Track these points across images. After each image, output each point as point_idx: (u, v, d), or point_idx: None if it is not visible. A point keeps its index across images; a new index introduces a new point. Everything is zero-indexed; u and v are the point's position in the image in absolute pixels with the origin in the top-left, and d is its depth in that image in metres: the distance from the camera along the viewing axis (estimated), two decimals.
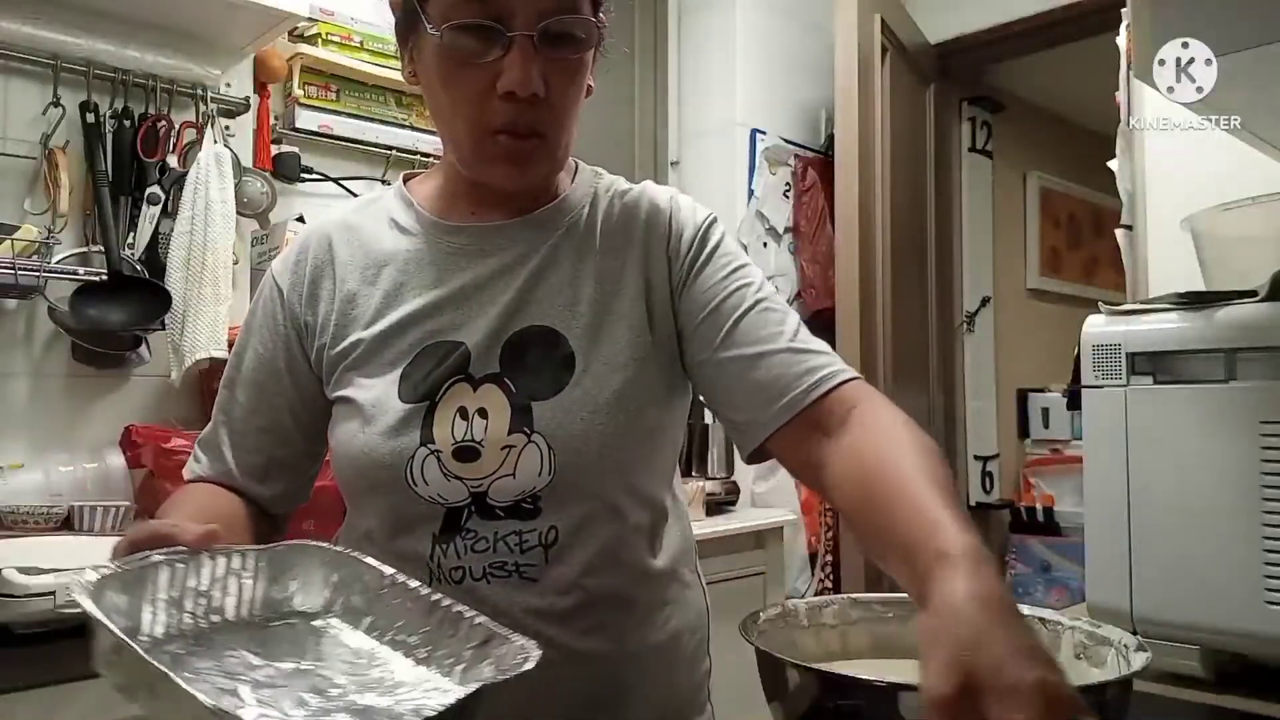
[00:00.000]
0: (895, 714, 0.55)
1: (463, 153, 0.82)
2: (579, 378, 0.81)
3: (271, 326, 0.89)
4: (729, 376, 0.82)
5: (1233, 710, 0.91)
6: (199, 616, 0.62)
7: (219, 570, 0.64)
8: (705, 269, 0.86)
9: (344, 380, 0.85)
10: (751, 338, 0.82)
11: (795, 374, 0.79)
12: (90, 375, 1.73)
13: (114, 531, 1.41)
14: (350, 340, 0.85)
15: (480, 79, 0.77)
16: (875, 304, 2.57)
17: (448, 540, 0.80)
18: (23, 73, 1.69)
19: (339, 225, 0.91)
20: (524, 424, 0.80)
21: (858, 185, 2.47)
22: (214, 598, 0.63)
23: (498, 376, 0.81)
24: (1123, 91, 1.70)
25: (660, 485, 0.89)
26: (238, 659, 0.58)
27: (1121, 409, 1.01)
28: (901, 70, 2.78)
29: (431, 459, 0.80)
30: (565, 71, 0.79)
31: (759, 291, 0.85)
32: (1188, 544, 0.96)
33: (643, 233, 0.87)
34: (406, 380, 0.82)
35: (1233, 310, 0.96)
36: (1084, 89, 2.95)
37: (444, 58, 0.78)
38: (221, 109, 1.87)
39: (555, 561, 0.80)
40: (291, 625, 0.65)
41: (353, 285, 0.87)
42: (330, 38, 2.04)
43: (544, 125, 0.80)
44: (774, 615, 0.74)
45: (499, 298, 0.83)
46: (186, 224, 1.72)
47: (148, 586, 0.60)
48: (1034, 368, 3.74)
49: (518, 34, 0.75)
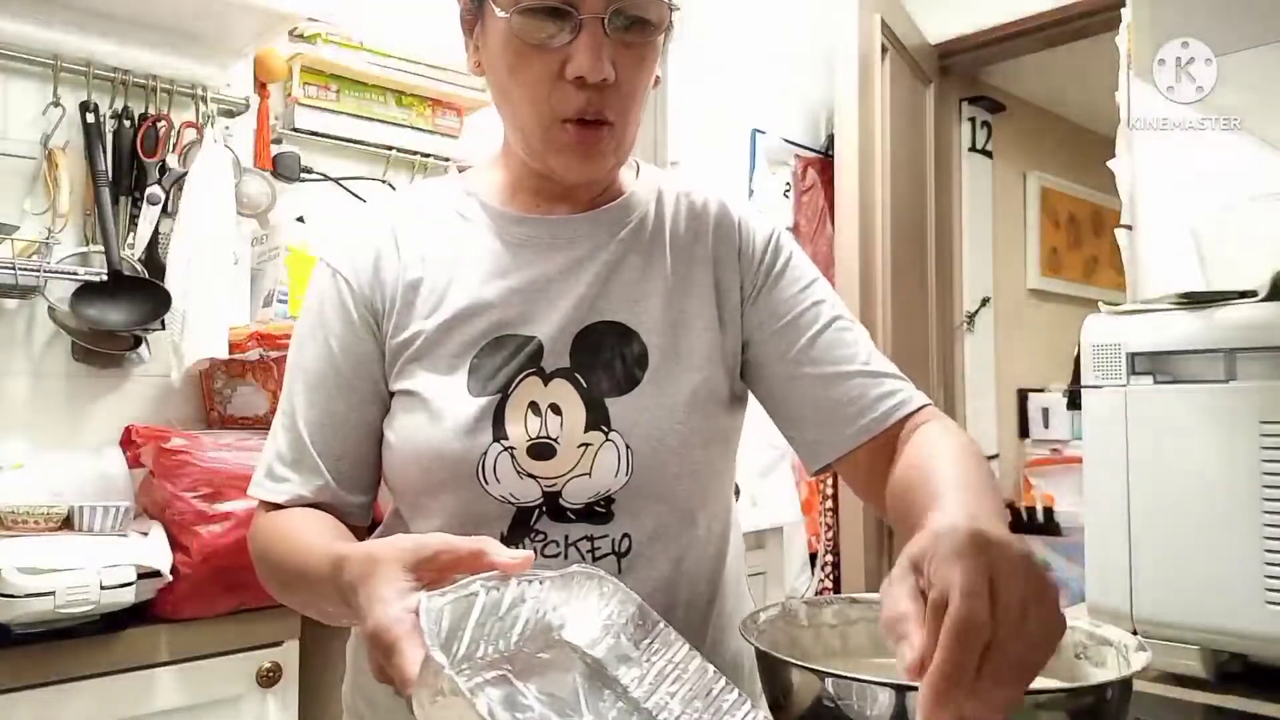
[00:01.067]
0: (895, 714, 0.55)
1: (530, 141, 0.80)
2: (653, 375, 0.80)
3: (346, 319, 0.82)
4: (801, 393, 0.83)
5: (1233, 710, 0.91)
6: (491, 639, 0.58)
7: (516, 593, 0.60)
8: (781, 280, 0.86)
9: (406, 372, 0.81)
10: (828, 357, 0.82)
11: (872, 398, 0.80)
12: (90, 375, 1.73)
13: (114, 531, 1.41)
14: (412, 330, 0.81)
15: (549, 64, 0.75)
16: (875, 304, 2.57)
17: (515, 543, 0.77)
18: (23, 73, 1.68)
19: (399, 211, 0.87)
20: (600, 421, 0.78)
21: (858, 185, 2.47)
22: (507, 621, 0.59)
23: (568, 371, 0.79)
24: (1123, 91, 1.70)
25: (728, 496, 0.88)
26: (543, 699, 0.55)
27: (1121, 409, 1.01)
28: (901, 70, 2.78)
29: (505, 456, 0.77)
30: (635, 56, 0.77)
31: (835, 309, 0.85)
32: (1188, 544, 0.96)
33: (712, 236, 0.86)
34: (476, 373, 0.79)
35: (1233, 310, 0.96)
36: (1084, 89, 2.96)
37: (511, 42, 0.76)
38: (221, 109, 1.87)
39: (628, 571, 0.78)
40: (565, 656, 0.62)
41: (415, 273, 0.82)
42: (330, 38, 2.04)
43: (612, 112, 0.77)
44: (774, 615, 0.74)
45: (570, 291, 0.81)
46: (186, 224, 1.72)
47: (465, 616, 0.56)
48: (1034, 368, 3.74)
49: (588, 16, 0.73)
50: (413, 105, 2.18)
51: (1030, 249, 3.97)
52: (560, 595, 0.62)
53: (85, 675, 1.25)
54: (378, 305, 0.82)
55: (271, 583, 0.80)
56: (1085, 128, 4.05)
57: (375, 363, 0.82)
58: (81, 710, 1.25)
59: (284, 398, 0.84)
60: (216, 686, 1.37)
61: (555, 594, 0.62)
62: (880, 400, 0.80)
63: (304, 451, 0.81)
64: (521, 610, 0.60)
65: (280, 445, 0.83)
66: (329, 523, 0.79)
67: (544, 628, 0.61)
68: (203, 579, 1.35)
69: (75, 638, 1.24)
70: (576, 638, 0.63)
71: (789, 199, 2.86)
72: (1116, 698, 0.58)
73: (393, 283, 0.82)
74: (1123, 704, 0.58)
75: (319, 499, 0.81)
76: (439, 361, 0.80)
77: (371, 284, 0.83)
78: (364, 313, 0.82)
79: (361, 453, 0.83)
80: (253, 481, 0.84)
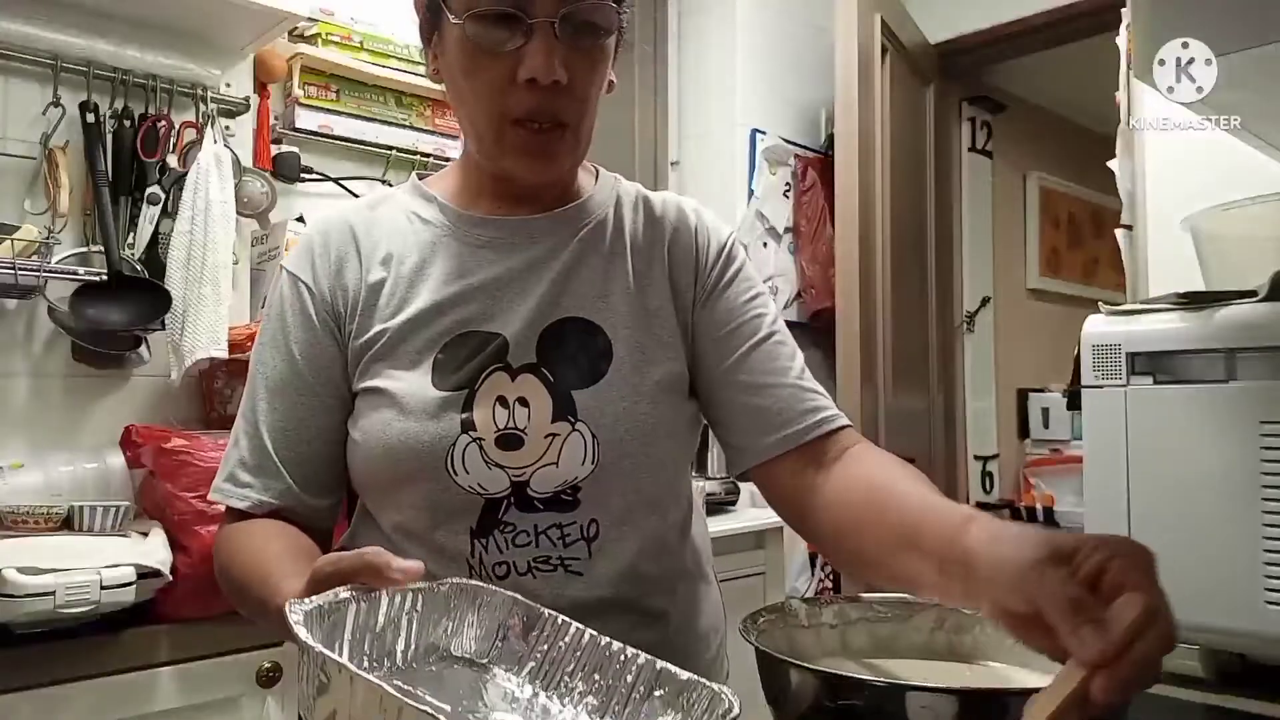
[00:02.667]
0: (895, 714, 0.55)
1: (484, 144, 0.82)
2: (618, 367, 0.82)
3: (308, 325, 0.84)
4: (733, 398, 0.86)
5: (1233, 710, 0.91)
6: (373, 659, 0.59)
7: (393, 610, 0.61)
8: (729, 289, 0.89)
9: (370, 371, 0.83)
10: (762, 367, 0.86)
11: (799, 411, 0.84)
12: (90, 375, 1.73)
13: (114, 531, 1.41)
14: (375, 330, 0.83)
15: (501, 67, 0.77)
16: (875, 304, 2.57)
17: (486, 535, 0.79)
18: (23, 73, 1.68)
19: (357, 215, 0.89)
20: (567, 412, 0.80)
21: (858, 185, 2.47)
22: (386, 639, 0.60)
23: (535, 367, 0.81)
24: (1123, 91, 1.70)
25: (688, 483, 0.92)
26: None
27: (1121, 409, 1.01)
28: (901, 70, 2.78)
29: (473, 447, 0.79)
30: (587, 60, 0.79)
31: (774, 324, 0.89)
32: (1187, 544, 0.96)
33: (669, 237, 0.89)
34: (441, 368, 0.81)
35: (1233, 310, 0.96)
36: (1084, 89, 2.95)
37: (465, 47, 0.78)
38: (221, 109, 1.87)
39: (599, 555, 0.80)
40: (455, 670, 0.63)
41: (378, 275, 0.85)
42: (330, 38, 2.04)
43: (566, 114, 0.80)
44: (774, 615, 0.74)
45: (533, 289, 0.83)
46: (186, 224, 1.72)
47: (339, 627, 0.57)
48: (1034, 368, 3.74)
49: (539, 20, 0.76)
50: (413, 105, 2.18)
51: (1030, 249, 3.97)
52: (440, 612, 0.63)
53: (85, 675, 1.25)
54: (339, 309, 0.85)
55: (232, 599, 0.80)
56: (1085, 128, 4.05)
57: (338, 366, 0.84)
58: (81, 710, 1.25)
59: (245, 404, 0.86)
60: (216, 686, 1.37)
61: (435, 612, 0.63)
62: (806, 414, 0.84)
63: (266, 457, 0.83)
64: (402, 630, 0.61)
65: (243, 451, 0.84)
66: (289, 543, 0.79)
67: (429, 647, 0.63)
68: (203, 579, 1.35)
69: (75, 638, 1.24)
70: (464, 649, 0.64)
71: (789, 199, 2.86)
72: None
73: (355, 285, 0.85)
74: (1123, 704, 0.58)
75: (282, 504, 0.83)
76: (402, 358, 0.82)
77: (333, 288, 0.85)
78: (325, 317, 0.84)
79: (325, 456, 0.84)
80: (214, 486, 0.85)
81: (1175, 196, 1.55)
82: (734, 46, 2.77)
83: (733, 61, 2.77)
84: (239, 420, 0.86)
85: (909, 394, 2.80)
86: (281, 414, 0.84)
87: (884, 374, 2.58)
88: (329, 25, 2.03)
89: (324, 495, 0.85)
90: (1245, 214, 1.12)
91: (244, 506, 0.82)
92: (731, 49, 2.78)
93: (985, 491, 3.54)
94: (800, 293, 2.86)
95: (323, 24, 2.02)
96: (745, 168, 2.76)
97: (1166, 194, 1.63)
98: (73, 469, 1.58)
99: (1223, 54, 0.77)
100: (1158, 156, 1.65)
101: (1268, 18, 0.75)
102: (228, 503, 0.84)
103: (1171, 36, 0.78)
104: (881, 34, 2.61)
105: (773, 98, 2.85)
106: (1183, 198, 1.32)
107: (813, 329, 2.88)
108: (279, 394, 0.84)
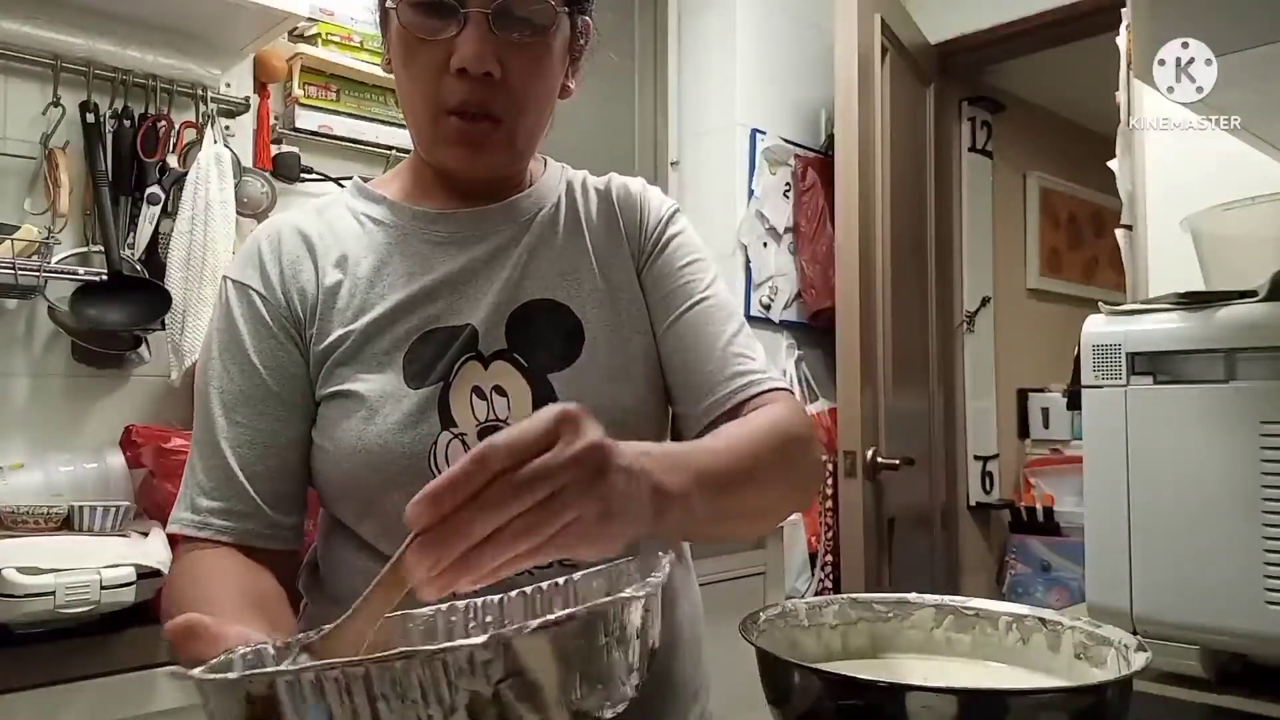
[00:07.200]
0: (896, 714, 0.55)
1: (423, 136, 0.83)
2: (591, 346, 0.83)
3: (264, 332, 0.81)
4: (669, 363, 0.87)
5: (1233, 710, 0.91)
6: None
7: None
8: (665, 252, 0.89)
9: (335, 375, 0.80)
10: (693, 334, 0.86)
11: (724, 376, 0.84)
12: (90, 375, 1.73)
13: (114, 531, 1.41)
14: (336, 334, 0.81)
15: (435, 56, 0.78)
16: (875, 304, 2.57)
17: None
18: (23, 73, 1.68)
19: (305, 220, 0.87)
20: (547, 396, 0.79)
21: (858, 185, 2.47)
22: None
23: (506, 352, 0.81)
24: (1123, 91, 1.70)
25: None
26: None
27: (1121, 409, 1.01)
28: (901, 70, 2.78)
29: (456, 443, 0.77)
30: (527, 58, 0.79)
31: (711, 290, 0.88)
32: (1188, 544, 0.96)
33: (620, 210, 0.91)
34: (411, 367, 0.79)
35: (1233, 310, 0.96)
36: (1084, 89, 2.95)
37: (402, 35, 0.79)
38: (221, 109, 1.87)
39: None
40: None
41: (334, 277, 0.83)
42: (330, 38, 2.04)
43: (498, 108, 0.80)
44: (774, 615, 0.74)
45: (495, 277, 0.84)
46: (186, 224, 1.72)
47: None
48: (1034, 368, 3.74)
49: (473, 10, 0.77)
50: None
51: (1030, 249, 3.97)
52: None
53: (85, 675, 1.25)
54: (298, 313, 0.83)
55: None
56: (1085, 128, 4.05)
57: (300, 372, 0.82)
58: (81, 710, 1.25)
59: (199, 427, 0.81)
60: None
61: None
62: (730, 379, 0.84)
63: (230, 476, 0.78)
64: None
65: (200, 477, 0.79)
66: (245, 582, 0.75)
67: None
68: None
69: (75, 638, 1.24)
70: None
71: (789, 199, 2.86)
72: (1116, 698, 0.58)
73: (311, 290, 0.83)
74: (1123, 704, 0.58)
75: (249, 527, 0.78)
76: (369, 360, 0.80)
77: (287, 293, 0.83)
78: (284, 323, 0.82)
79: (294, 469, 0.81)
80: (171, 517, 0.80)
81: (1175, 196, 1.55)
82: (734, 46, 2.77)
83: (733, 61, 2.77)
84: (193, 447, 0.81)
85: (909, 394, 2.80)
86: (246, 428, 0.79)
87: (884, 374, 2.58)
88: (329, 25, 2.04)
89: (292, 512, 0.82)
90: (1245, 214, 1.12)
91: (204, 536, 0.78)
92: (731, 49, 2.78)
93: (985, 491, 3.54)
94: (800, 293, 2.86)
95: (323, 24, 2.02)
96: (745, 168, 2.76)
97: (1166, 194, 1.63)
98: (73, 469, 1.58)
99: (1223, 54, 0.77)
100: (1158, 156, 1.65)
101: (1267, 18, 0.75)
102: (187, 533, 0.79)
103: (1171, 36, 0.78)
104: (881, 34, 2.60)
105: (773, 98, 2.85)
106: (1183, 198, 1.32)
107: (813, 329, 2.88)
108: (240, 408, 0.80)
